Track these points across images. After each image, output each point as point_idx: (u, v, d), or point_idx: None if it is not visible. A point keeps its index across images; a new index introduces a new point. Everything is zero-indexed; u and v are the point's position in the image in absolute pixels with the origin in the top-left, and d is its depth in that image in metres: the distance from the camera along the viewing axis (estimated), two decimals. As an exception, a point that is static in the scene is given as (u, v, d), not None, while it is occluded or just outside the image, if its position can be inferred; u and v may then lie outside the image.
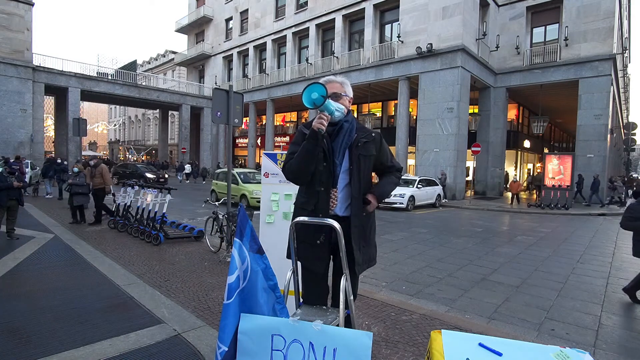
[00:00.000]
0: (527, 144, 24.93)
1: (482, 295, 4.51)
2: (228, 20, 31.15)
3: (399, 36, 18.87)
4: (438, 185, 15.81)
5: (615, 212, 14.39)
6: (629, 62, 35.51)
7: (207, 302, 3.77)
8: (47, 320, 3.22)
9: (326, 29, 23.46)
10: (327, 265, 2.10)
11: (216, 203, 6.46)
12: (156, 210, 6.67)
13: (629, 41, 29.89)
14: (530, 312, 4.01)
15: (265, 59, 27.67)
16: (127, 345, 2.79)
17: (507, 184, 20.57)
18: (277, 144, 27.64)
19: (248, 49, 28.65)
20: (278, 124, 29.70)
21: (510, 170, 24.57)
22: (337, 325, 1.81)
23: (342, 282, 1.92)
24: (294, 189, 2.90)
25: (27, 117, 20.99)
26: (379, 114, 24.16)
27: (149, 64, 50.44)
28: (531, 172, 26.58)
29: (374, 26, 20.34)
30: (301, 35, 25.03)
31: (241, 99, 6.16)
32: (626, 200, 16.74)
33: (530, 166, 28.74)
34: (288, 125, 28.92)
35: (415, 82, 18.50)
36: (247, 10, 28.69)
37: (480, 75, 18.40)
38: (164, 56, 47.15)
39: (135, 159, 50.31)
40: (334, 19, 22.15)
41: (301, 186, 2.13)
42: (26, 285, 4.13)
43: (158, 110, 36.11)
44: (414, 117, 19.68)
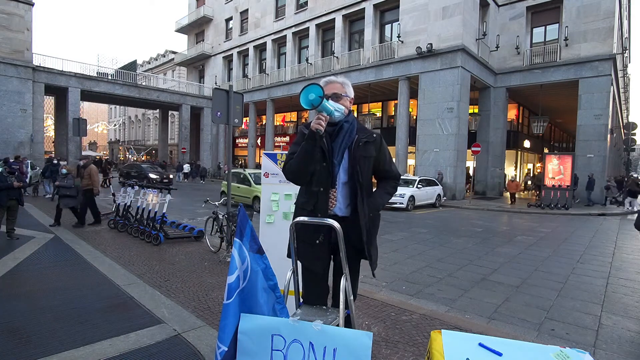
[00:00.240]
0: (527, 144, 24.94)
1: (482, 295, 4.51)
2: (228, 20, 31.15)
3: (399, 36, 18.87)
4: (438, 185, 15.81)
5: (615, 212, 14.39)
6: (629, 62, 35.52)
7: (207, 302, 3.77)
8: (47, 320, 3.22)
9: (326, 29, 23.46)
10: (327, 265, 2.10)
11: (216, 203, 6.45)
12: (156, 210, 6.67)
13: (629, 41, 29.89)
14: (530, 312, 4.01)
15: (265, 59, 27.67)
16: (127, 345, 2.79)
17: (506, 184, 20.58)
18: (277, 144, 27.64)
19: (248, 49, 28.65)
20: (278, 124, 29.71)
21: (510, 171, 24.56)
22: (337, 325, 1.80)
23: (342, 282, 1.92)
24: (294, 189, 2.90)
25: (27, 117, 20.98)
26: (379, 114, 24.16)
27: (149, 64, 50.45)
28: (529, 172, 26.50)
29: (374, 26, 20.33)
30: (301, 35, 25.02)
31: (241, 99, 6.17)
32: (624, 200, 16.67)
33: (530, 166, 28.74)
34: (288, 125, 28.92)
35: (415, 82, 18.50)
36: (247, 10, 28.70)
37: (480, 75, 18.40)
38: (164, 56, 47.16)
39: (135, 159, 50.30)
40: (334, 19, 22.15)
41: (301, 186, 2.14)
42: (26, 285, 4.13)
43: (158, 110, 36.12)
44: (414, 117, 19.69)
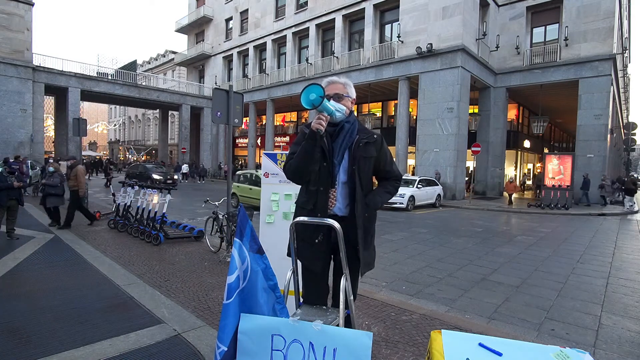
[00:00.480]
0: (527, 144, 24.93)
1: (482, 295, 4.51)
2: (228, 20, 31.14)
3: (399, 36, 18.87)
4: (438, 185, 15.81)
5: (615, 212, 14.38)
6: (629, 62, 35.50)
7: (207, 302, 3.77)
8: (47, 320, 3.22)
9: (326, 29, 23.46)
10: (326, 264, 2.11)
11: (216, 203, 6.44)
12: (156, 210, 6.67)
13: (629, 41, 29.88)
14: (530, 312, 4.01)
15: (265, 59, 27.66)
16: (127, 345, 2.79)
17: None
18: (277, 144, 27.64)
19: (248, 49, 28.64)
20: (278, 124, 29.70)
21: (510, 171, 24.55)
22: (337, 325, 1.80)
23: (342, 282, 1.92)
24: (294, 189, 2.90)
25: (27, 117, 20.98)
26: (379, 114, 24.16)
27: (149, 64, 50.45)
28: (526, 172, 26.39)
29: (374, 26, 20.33)
30: (301, 35, 25.02)
31: (241, 99, 6.17)
32: (622, 199, 16.63)
33: (530, 166, 28.74)
34: (288, 125, 28.92)
35: (415, 82, 18.50)
36: (247, 10, 28.69)
37: (480, 75, 18.40)
38: (164, 56, 47.16)
39: (135, 158, 50.29)
40: (334, 19, 22.15)
41: (302, 186, 2.15)
42: (26, 285, 4.13)
43: (158, 110, 36.12)
44: (414, 117, 19.69)
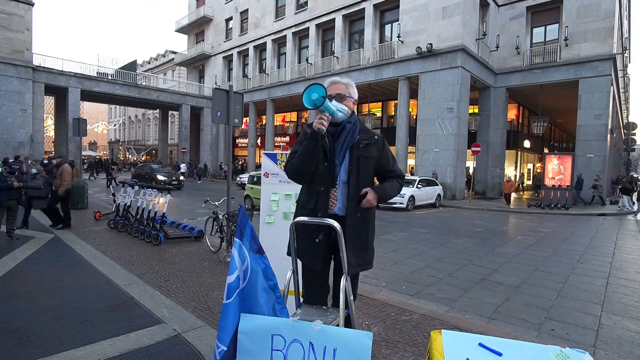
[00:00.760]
0: (527, 144, 24.94)
1: (482, 295, 4.51)
2: (228, 20, 31.14)
3: (399, 36, 18.87)
4: (438, 185, 15.81)
5: (614, 213, 14.39)
6: (629, 62, 35.49)
7: (207, 302, 3.77)
8: (47, 320, 3.22)
9: (326, 29, 23.46)
10: (326, 264, 2.11)
11: (216, 203, 6.44)
12: (156, 210, 6.67)
13: (629, 41, 29.88)
14: (530, 312, 4.01)
15: (265, 59, 27.66)
16: (127, 345, 2.79)
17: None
18: (277, 144, 27.64)
19: (248, 49, 28.64)
20: (278, 124, 29.70)
21: (510, 171, 24.54)
22: (337, 325, 1.80)
23: (342, 282, 1.92)
24: (294, 189, 2.90)
25: (27, 117, 20.98)
26: (379, 114, 24.16)
27: (149, 64, 50.45)
28: (523, 173, 26.32)
29: (374, 26, 20.33)
30: (301, 35, 25.02)
31: (241, 99, 6.16)
32: (618, 199, 16.53)
33: (530, 166, 28.73)
34: (288, 125, 28.92)
35: (415, 82, 18.50)
36: (247, 10, 28.69)
37: (480, 75, 18.40)
38: (164, 56, 47.17)
39: (135, 158, 50.29)
40: (334, 19, 22.15)
41: (303, 185, 2.15)
42: (26, 285, 4.13)
43: (158, 110, 36.11)
44: (414, 117, 19.69)
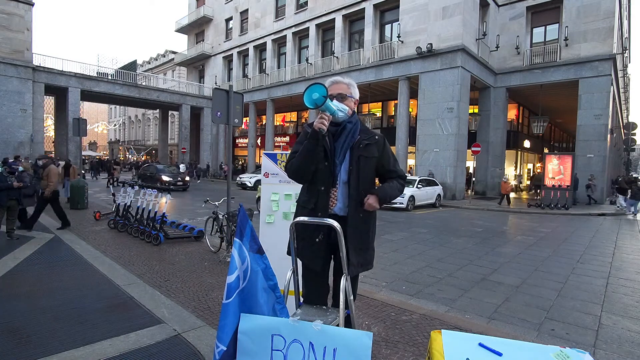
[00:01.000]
0: (527, 144, 24.93)
1: (482, 295, 4.51)
2: (228, 20, 31.14)
3: (399, 36, 18.87)
4: (438, 185, 15.81)
5: (614, 212, 14.38)
6: (629, 62, 35.49)
7: (207, 302, 3.77)
8: (47, 320, 3.21)
9: (326, 29, 23.46)
10: (326, 263, 2.11)
11: (216, 203, 6.44)
12: (156, 210, 6.67)
13: (629, 41, 29.88)
14: (530, 312, 4.01)
15: (265, 59, 27.66)
16: (127, 345, 2.79)
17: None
18: (277, 144, 27.63)
19: (248, 49, 28.64)
20: (278, 124, 29.70)
21: (510, 171, 24.52)
22: (337, 325, 1.80)
23: (342, 282, 1.92)
24: (294, 189, 2.90)
25: (27, 117, 20.97)
26: (379, 114, 24.16)
27: (149, 64, 50.45)
28: (521, 174, 26.25)
29: (374, 26, 20.33)
30: (301, 35, 25.01)
31: (241, 99, 6.16)
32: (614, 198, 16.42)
33: (530, 166, 28.72)
34: (288, 125, 28.91)
35: (415, 82, 18.50)
36: (247, 10, 28.69)
37: (480, 75, 18.40)
38: (164, 56, 47.16)
39: (135, 158, 50.28)
40: (334, 19, 22.15)
41: (303, 185, 2.15)
42: (26, 285, 4.13)
43: (158, 110, 36.10)
44: (414, 117, 19.69)
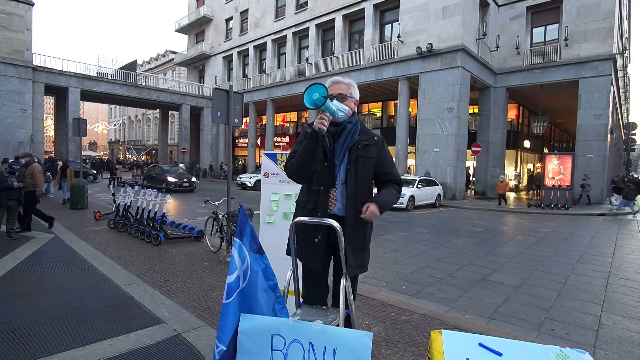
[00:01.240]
0: (527, 144, 24.94)
1: (482, 295, 4.51)
2: (228, 20, 31.14)
3: (399, 36, 18.87)
4: (438, 185, 15.81)
5: (614, 213, 14.38)
6: (629, 62, 35.49)
7: (207, 302, 3.77)
8: (47, 320, 3.21)
9: (326, 29, 23.46)
10: (326, 263, 2.10)
11: (216, 203, 6.44)
12: (156, 210, 6.67)
13: (629, 41, 29.88)
14: (530, 312, 4.01)
15: (265, 59, 27.66)
16: (127, 345, 2.79)
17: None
18: (277, 144, 27.64)
19: (248, 49, 28.64)
20: (278, 124, 29.70)
21: (510, 171, 24.52)
22: (337, 325, 1.80)
23: (342, 282, 1.92)
24: (294, 189, 2.90)
25: (27, 117, 20.96)
26: (379, 114, 24.16)
27: (149, 64, 50.46)
28: (519, 174, 26.23)
29: (374, 26, 20.33)
30: (301, 35, 25.02)
31: (241, 99, 6.16)
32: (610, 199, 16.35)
33: (530, 166, 28.72)
34: (288, 125, 28.92)
35: (415, 82, 18.50)
36: (247, 10, 28.69)
37: (480, 75, 18.40)
38: (164, 56, 47.17)
39: (135, 158, 50.28)
40: (334, 19, 22.15)
41: (303, 185, 2.15)
42: (26, 285, 4.12)
43: (158, 110, 36.10)
44: (414, 117, 19.69)
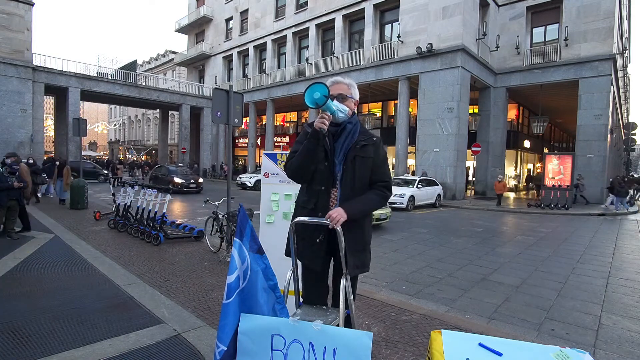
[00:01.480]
0: (527, 144, 24.94)
1: (482, 295, 4.51)
2: (228, 20, 31.15)
3: (399, 36, 18.87)
4: (438, 185, 15.81)
5: (614, 213, 14.38)
6: (629, 62, 35.49)
7: (207, 302, 3.77)
8: (47, 320, 3.21)
9: (326, 29, 23.46)
10: (326, 264, 2.10)
11: (216, 203, 6.44)
12: (156, 210, 6.67)
13: (629, 41, 29.88)
14: (530, 312, 4.01)
15: (265, 59, 27.67)
16: (127, 345, 2.79)
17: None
18: (277, 144, 27.64)
19: (248, 49, 28.65)
20: (278, 124, 29.70)
21: (510, 171, 24.51)
22: (337, 325, 1.80)
23: (342, 282, 1.91)
24: (294, 189, 2.90)
25: (27, 117, 20.97)
26: (379, 114, 24.16)
27: (149, 64, 50.45)
28: (518, 174, 26.21)
29: (374, 26, 20.33)
30: (301, 35, 25.02)
31: (241, 99, 6.16)
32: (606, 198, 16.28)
33: (531, 166, 28.73)
34: (288, 125, 28.93)
35: (415, 82, 18.50)
36: (247, 10, 28.70)
37: (480, 75, 18.40)
38: (164, 56, 47.16)
39: (135, 158, 50.26)
40: (334, 19, 22.15)
41: (302, 185, 2.14)
42: (26, 285, 4.12)
43: (158, 110, 36.10)
44: (414, 117, 19.69)
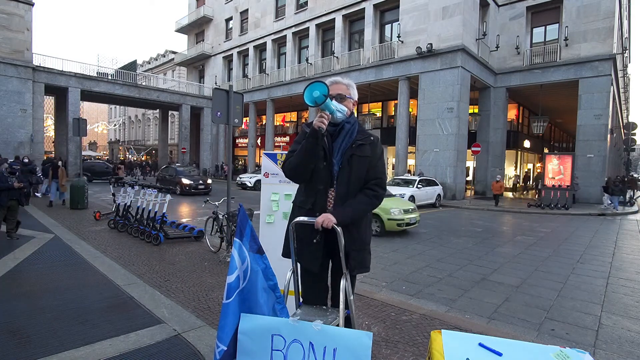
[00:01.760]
0: (527, 144, 24.93)
1: (482, 295, 4.51)
2: (228, 20, 31.15)
3: (399, 36, 18.87)
4: (438, 185, 15.80)
5: (614, 212, 14.38)
6: (629, 62, 35.49)
7: (207, 302, 3.77)
8: (47, 320, 3.22)
9: (326, 29, 23.46)
10: (325, 264, 2.09)
11: (216, 203, 6.44)
12: (156, 210, 6.67)
13: (629, 41, 29.89)
14: (530, 312, 4.01)
15: (265, 59, 27.67)
16: (127, 345, 2.79)
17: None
18: (277, 144, 27.64)
19: (248, 49, 28.65)
20: (278, 124, 29.70)
21: (510, 171, 24.50)
22: (337, 325, 1.80)
23: (342, 282, 1.92)
24: (294, 189, 2.89)
25: (27, 117, 20.96)
26: (379, 114, 24.16)
27: (149, 64, 50.45)
28: (518, 174, 26.16)
29: (374, 26, 20.33)
30: (301, 35, 25.02)
31: (241, 99, 6.16)
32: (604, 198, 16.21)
33: (531, 166, 28.72)
34: (288, 125, 28.92)
35: (415, 82, 18.50)
36: (247, 10, 28.70)
37: (480, 75, 18.40)
38: (164, 56, 47.15)
39: (135, 158, 50.26)
40: (334, 19, 22.16)
41: (300, 185, 2.14)
42: (26, 285, 4.13)
43: (158, 110, 36.08)
44: (414, 117, 19.69)
